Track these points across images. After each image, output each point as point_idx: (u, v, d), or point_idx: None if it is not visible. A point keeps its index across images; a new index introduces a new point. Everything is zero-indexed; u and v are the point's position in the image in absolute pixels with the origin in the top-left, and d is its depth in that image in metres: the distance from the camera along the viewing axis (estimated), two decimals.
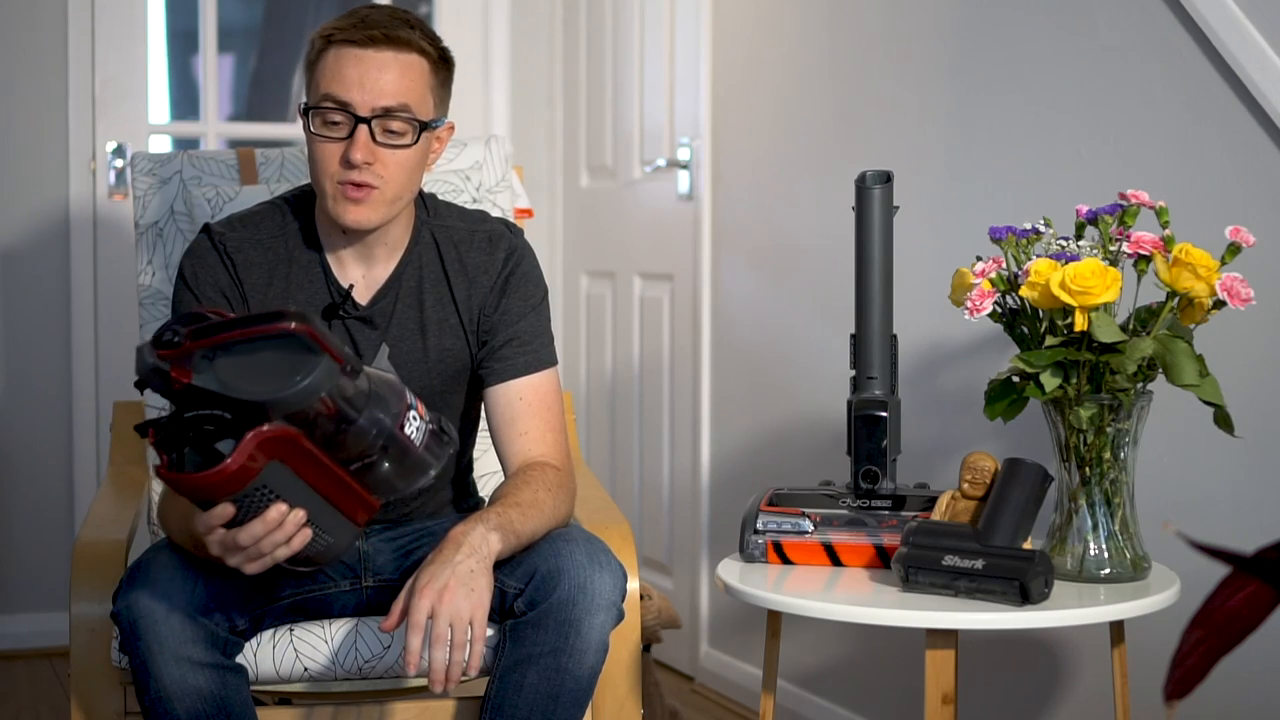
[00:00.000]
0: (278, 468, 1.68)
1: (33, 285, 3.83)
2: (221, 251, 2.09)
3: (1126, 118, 2.37)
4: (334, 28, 2.00)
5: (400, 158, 2.00)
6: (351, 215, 2.01)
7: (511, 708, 1.94)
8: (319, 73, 2.01)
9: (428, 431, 1.77)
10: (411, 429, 1.75)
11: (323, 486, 1.72)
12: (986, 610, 1.89)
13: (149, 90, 3.93)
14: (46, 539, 3.83)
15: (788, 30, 3.23)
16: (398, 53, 1.99)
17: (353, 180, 1.98)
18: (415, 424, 1.75)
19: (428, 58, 2.03)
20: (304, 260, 2.10)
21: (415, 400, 1.77)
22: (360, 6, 2.05)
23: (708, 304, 3.53)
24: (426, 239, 2.12)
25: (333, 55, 1.99)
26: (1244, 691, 2.12)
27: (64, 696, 3.44)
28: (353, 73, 1.98)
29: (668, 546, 3.71)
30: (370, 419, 1.71)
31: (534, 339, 2.11)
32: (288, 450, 1.67)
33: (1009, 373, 2.04)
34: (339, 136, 1.99)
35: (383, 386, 1.74)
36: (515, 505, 1.95)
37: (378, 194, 2.00)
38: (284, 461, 1.68)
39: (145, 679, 1.86)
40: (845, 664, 3.06)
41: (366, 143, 1.98)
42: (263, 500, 1.69)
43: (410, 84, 2.00)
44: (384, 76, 1.98)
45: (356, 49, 1.98)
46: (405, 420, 1.74)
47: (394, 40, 1.99)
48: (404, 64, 2.00)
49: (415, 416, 1.75)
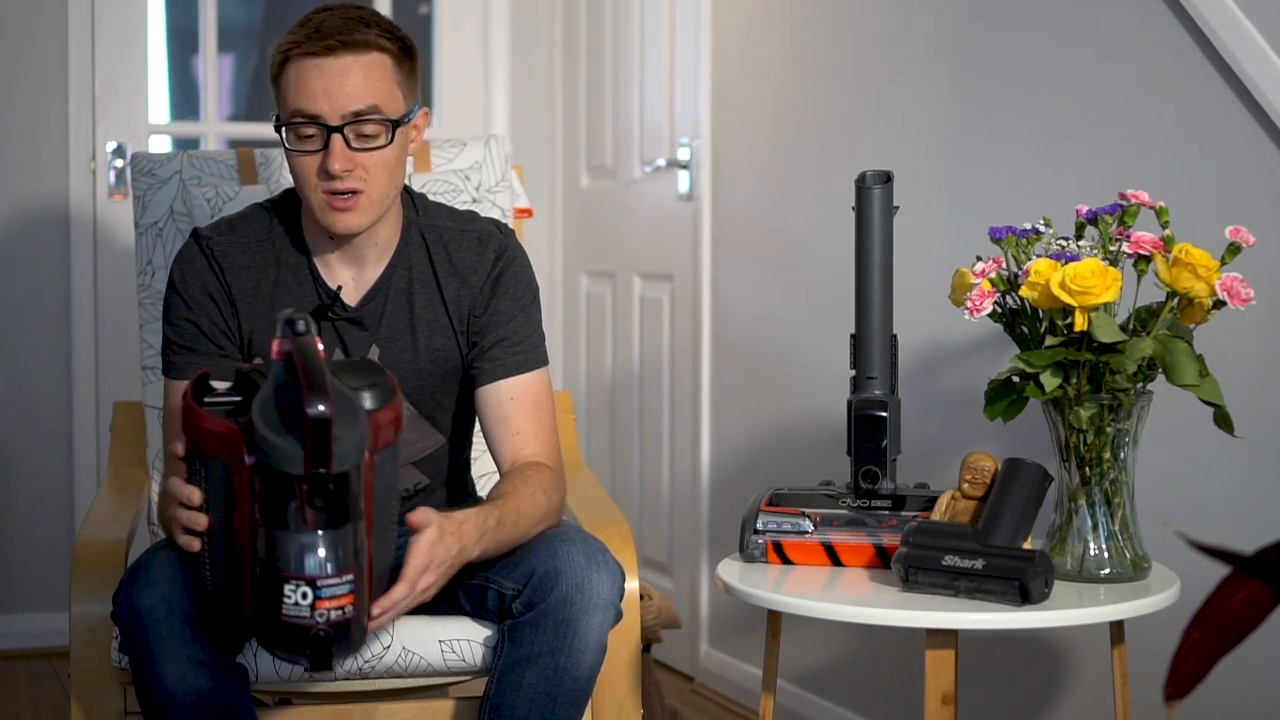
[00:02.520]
0: (222, 470, 1.71)
1: (33, 285, 3.83)
2: (209, 256, 2.10)
3: (1126, 118, 2.37)
4: (290, 41, 1.99)
5: (379, 159, 2.00)
6: (342, 223, 2.01)
7: (510, 708, 1.94)
8: (283, 88, 2.00)
9: (303, 622, 1.66)
10: (290, 598, 1.66)
11: (235, 522, 1.71)
12: (986, 610, 1.89)
13: (149, 90, 3.93)
14: (46, 539, 3.83)
15: (788, 30, 3.23)
16: (358, 55, 1.98)
17: (336, 189, 1.98)
18: (296, 598, 1.66)
19: (389, 53, 2.01)
20: (292, 263, 2.10)
21: (335, 600, 1.67)
22: (315, 10, 2.02)
23: (708, 304, 3.53)
24: (416, 239, 2.12)
25: (294, 69, 1.98)
26: (1244, 691, 2.12)
27: (64, 696, 3.44)
28: (316, 84, 1.97)
29: (668, 546, 3.71)
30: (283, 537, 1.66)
31: (525, 339, 2.11)
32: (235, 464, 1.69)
33: (1009, 373, 2.04)
34: (314, 149, 1.99)
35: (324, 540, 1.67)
36: (514, 510, 1.97)
37: (364, 198, 2.00)
38: (229, 472, 1.70)
39: (146, 679, 1.86)
40: (845, 664, 3.06)
41: (342, 151, 1.97)
42: (196, 476, 1.75)
43: (376, 84, 1.99)
44: (348, 82, 1.97)
45: (316, 59, 1.97)
46: (288, 587, 1.66)
47: (352, 44, 1.97)
48: (366, 65, 1.98)
49: (304, 595, 1.65)
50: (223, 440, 1.70)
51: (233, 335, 2.08)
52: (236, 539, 1.72)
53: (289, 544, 1.66)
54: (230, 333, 2.08)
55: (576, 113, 4.16)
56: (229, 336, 2.08)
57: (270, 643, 1.72)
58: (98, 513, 2.32)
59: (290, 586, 1.66)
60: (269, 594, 1.68)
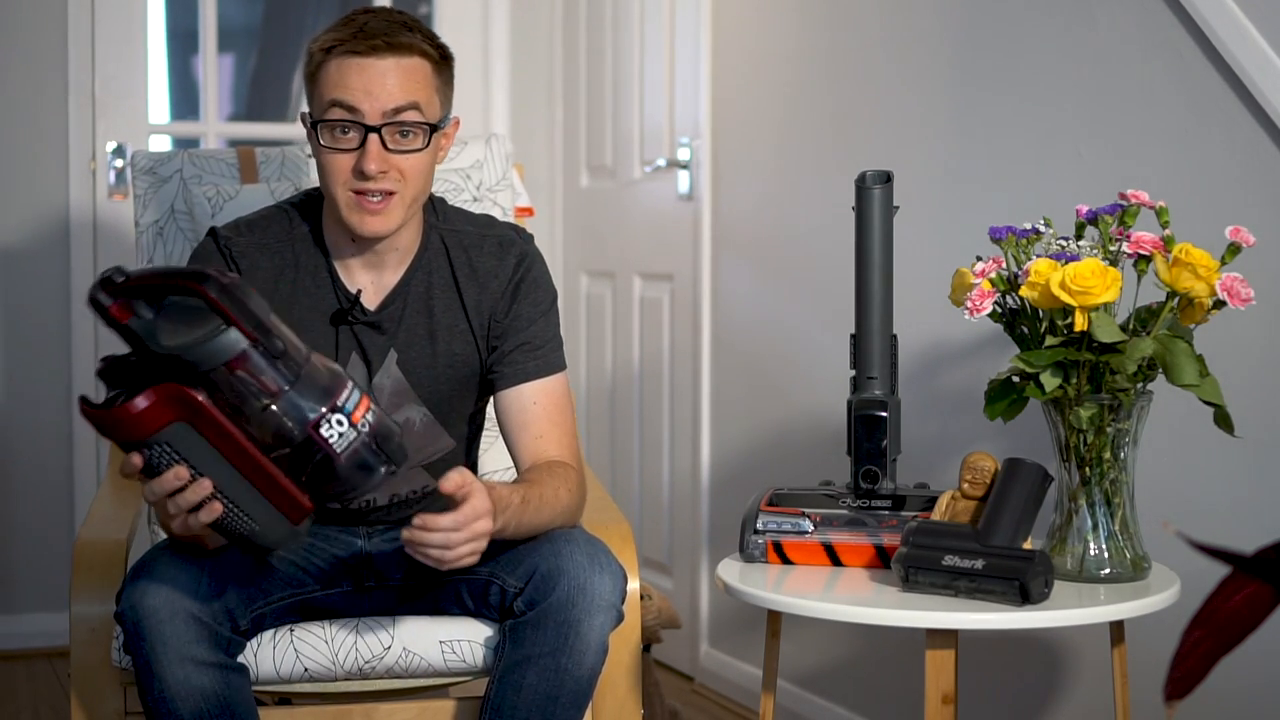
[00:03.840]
0: (184, 430, 1.69)
1: (33, 285, 3.83)
2: (227, 256, 2.09)
3: (1126, 118, 2.37)
4: (334, 38, 1.99)
5: (414, 161, 2.00)
6: (369, 225, 2.00)
7: (510, 708, 1.94)
8: (322, 84, 1.99)
9: (358, 442, 1.72)
10: (331, 432, 1.70)
11: (237, 462, 1.71)
12: (986, 610, 1.89)
13: (149, 90, 3.93)
14: (46, 539, 3.83)
15: (788, 30, 3.23)
16: (400, 58, 1.98)
17: (369, 189, 1.98)
18: (338, 429, 1.70)
19: (429, 59, 2.02)
20: (311, 266, 2.09)
21: (358, 407, 1.72)
22: (356, 12, 2.03)
23: (708, 304, 3.53)
24: (436, 244, 2.12)
25: (334, 65, 1.98)
26: (1244, 691, 2.12)
27: (64, 696, 3.44)
28: (357, 82, 1.97)
29: (668, 546, 3.72)
30: (286, 405, 1.69)
31: (545, 343, 2.11)
32: (190, 412, 1.68)
33: (1009, 373, 2.04)
34: (349, 147, 1.98)
35: (323, 378, 1.72)
36: (538, 496, 1.96)
37: (395, 200, 2.00)
38: (192, 425, 1.69)
39: (149, 679, 1.86)
40: (845, 664, 3.06)
41: (379, 152, 1.97)
42: (165, 458, 1.71)
43: (416, 87, 1.99)
44: (389, 83, 1.97)
45: (359, 58, 1.97)
46: (325, 420, 1.70)
47: (396, 46, 1.98)
48: (407, 68, 1.99)
49: (341, 421, 1.71)
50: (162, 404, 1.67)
51: None
52: (248, 461, 1.71)
53: (288, 403, 1.69)
54: None
55: (576, 113, 4.16)
56: None
57: (346, 493, 1.74)
58: (98, 513, 2.32)
59: (325, 428, 1.70)
60: (311, 465, 1.71)
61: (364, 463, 1.73)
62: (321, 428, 1.70)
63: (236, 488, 1.73)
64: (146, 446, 1.70)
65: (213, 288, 1.67)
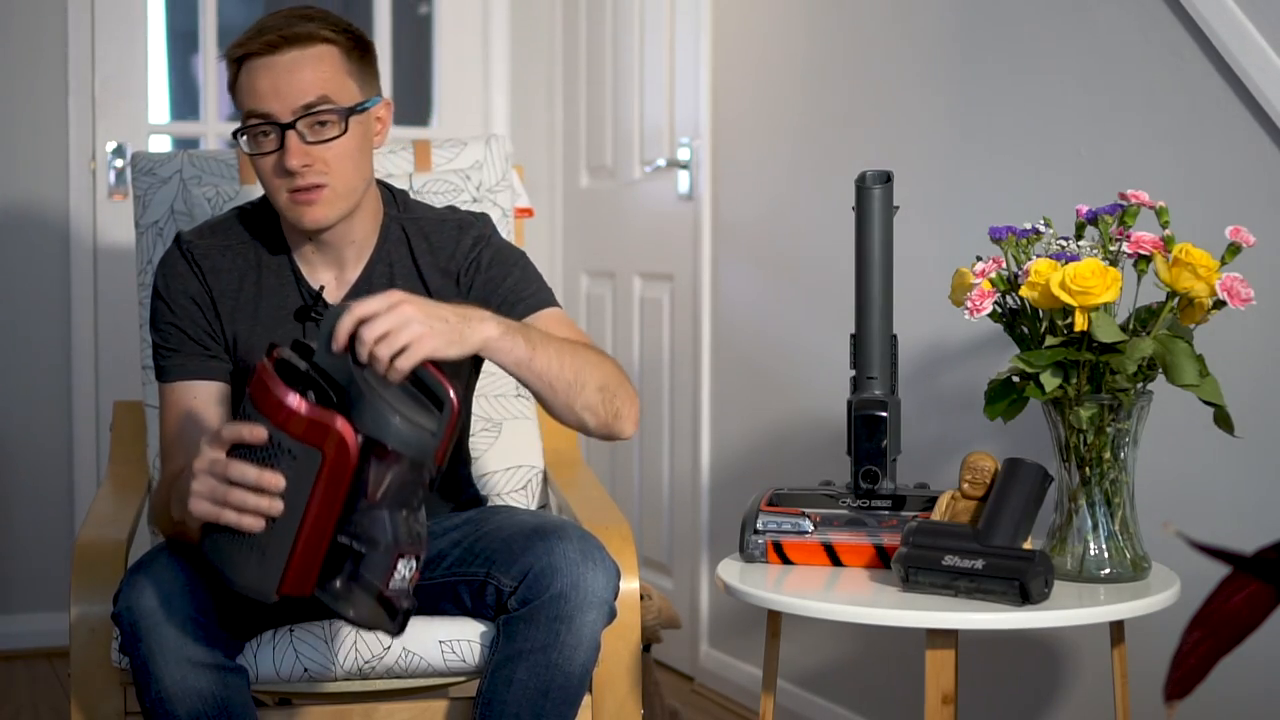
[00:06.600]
0: (313, 458, 1.66)
1: (33, 285, 3.83)
2: (190, 260, 2.10)
3: (1126, 118, 2.37)
4: (237, 46, 2.00)
5: (336, 150, 2.00)
6: (309, 217, 2.01)
7: (501, 703, 1.94)
8: (239, 96, 2.01)
9: (402, 594, 1.71)
10: (400, 572, 1.70)
11: (313, 514, 1.68)
12: (986, 610, 1.89)
13: (149, 90, 3.93)
14: (46, 539, 3.83)
15: (788, 30, 3.23)
16: (302, 49, 1.98)
17: (298, 186, 1.98)
18: (405, 572, 1.71)
19: (336, 44, 2.01)
20: (274, 265, 2.11)
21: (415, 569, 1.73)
22: (262, 17, 2.04)
23: (708, 304, 3.53)
24: (396, 234, 2.12)
25: (244, 74, 1.99)
26: (1244, 691, 2.12)
27: (64, 696, 3.44)
28: (265, 83, 1.97)
29: (668, 546, 3.72)
30: (395, 520, 1.69)
31: (527, 287, 2.07)
32: (334, 455, 1.65)
33: (1009, 373, 2.04)
34: (272, 149, 1.99)
35: (416, 523, 1.73)
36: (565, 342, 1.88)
37: (328, 190, 2.00)
38: (322, 461, 1.66)
39: (147, 680, 1.86)
40: (845, 664, 3.06)
41: (298, 147, 1.97)
42: (275, 459, 1.68)
43: (323, 76, 1.99)
44: (294, 77, 1.97)
45: (261, 59, 1.98)
46: (405, 558, 1.70)
47: (293, 38, 1.98)
48: (312, 58, 1.99)
49: (411, 568, 1.71)
50: (324, 427, 1.65)
51: (217, 337, 2.09)
52: (316, 522, 1.68)
53: (407, 525, 1.70)
54: (215, 334, 2.09)
55: (576, 113, 4.16)
56: (214, 338, 2.08)
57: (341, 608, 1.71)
58: (98, 513, 2.32)
59: (404, 561, 1.70)
60: (353, 574, 1.69)
61: (391, 608, 1.72)
62: (399, 562, 1.70)
63: (285, 528, 1.69)
64: (275, 438, 1.68)
65: (449, 413, 1.70)
